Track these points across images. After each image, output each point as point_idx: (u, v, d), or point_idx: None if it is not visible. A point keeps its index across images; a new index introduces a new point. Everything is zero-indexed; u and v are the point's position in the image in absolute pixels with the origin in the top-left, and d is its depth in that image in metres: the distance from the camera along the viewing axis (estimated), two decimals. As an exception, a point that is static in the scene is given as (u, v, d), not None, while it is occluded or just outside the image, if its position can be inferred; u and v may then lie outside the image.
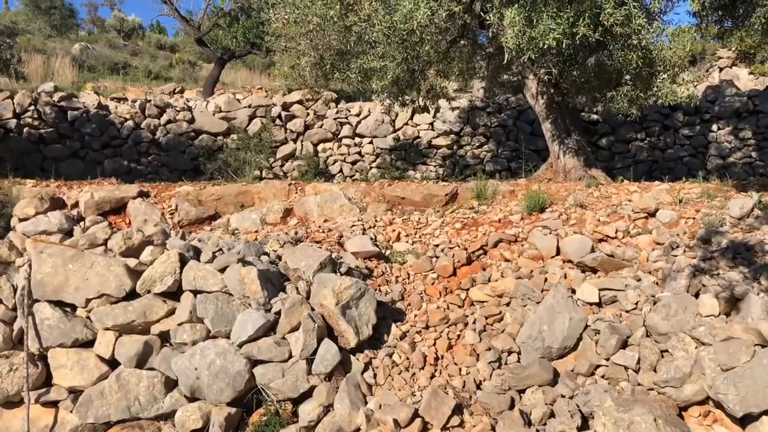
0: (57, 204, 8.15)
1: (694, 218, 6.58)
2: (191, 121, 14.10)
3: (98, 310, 5.76)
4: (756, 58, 15.82)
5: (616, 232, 6.65)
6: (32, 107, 12.64)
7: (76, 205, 8.24)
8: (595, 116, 13.64)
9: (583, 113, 12.97)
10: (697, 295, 5.38)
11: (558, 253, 6.62)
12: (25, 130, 12.46)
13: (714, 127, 13.61)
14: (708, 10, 7.55)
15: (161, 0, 15.67)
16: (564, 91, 9.67)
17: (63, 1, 23.70)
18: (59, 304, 5.88)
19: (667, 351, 5.09)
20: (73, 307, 5.92)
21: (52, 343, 5.73)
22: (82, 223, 7.93)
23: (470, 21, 8.42)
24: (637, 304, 5.64)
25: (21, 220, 7.75)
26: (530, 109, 12.22)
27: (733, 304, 5.20)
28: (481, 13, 7.78)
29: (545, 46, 6.49)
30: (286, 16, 8.01)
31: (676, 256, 5.95)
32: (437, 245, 7.20)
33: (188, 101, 14.57)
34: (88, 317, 5.83)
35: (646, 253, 6.25)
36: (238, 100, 14.50)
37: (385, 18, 6.98)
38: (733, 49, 15.78)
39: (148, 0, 26.01)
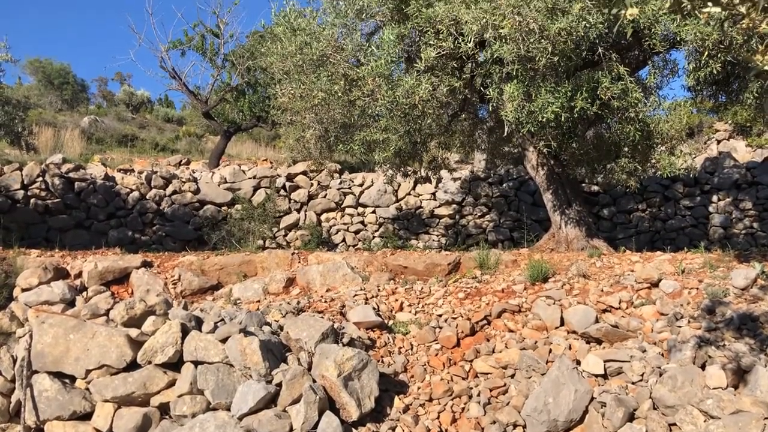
0: (60, 274, 8.17)
1: (697, 288, 6.56)
2: (196, 191, 14.26)
3: (98, 381, 5.70)
4: (752, 131, 16.13)
5: (619, 303, 6.62)
6: (40, 178, 12.81)
7: (79, 275, 8.26)
8: (595, 187, 13.78)
9: (583, 184, 13.11)
10: (703, 367, 5.32)
11: (562, 323, 6.58)
12: (32, 200, 12.60)
13: (714, 197, 13.73)
14: (702, 85, 7.80)
15: (170, 75, 16.14)
16: (564, 162, 9.82)
17: (75, 76, 24.49)
18: (58, 375, 5.82)
19: (675, 424, 4.99)
20: (73, 379, 5.87)
21: (49, 415, 5.65)
22: (84, 293, 7.94)
23: (471, 96, 8.67)
24: (642, 375, 5.57)
25: (24, 290, 7.76)
26: (531, 180, 12.38)
27: (740, 376, 5.14)
28: (482, 88, 8.03)
29: (544, 120, 6.67)
30: (292, 91, 8.25)
31: (680, 326, 5.91)
32: (440, 315, 7.15)
33: (194, 172, 14.79)
34: (87, 389, 5.77)
35: (650, 324, 6.21)
36: (243, 171, 14.71)
37: (387, 93, 7.20)
38: (729, 122, 16.09)
39: (157, 75, 26.83)
